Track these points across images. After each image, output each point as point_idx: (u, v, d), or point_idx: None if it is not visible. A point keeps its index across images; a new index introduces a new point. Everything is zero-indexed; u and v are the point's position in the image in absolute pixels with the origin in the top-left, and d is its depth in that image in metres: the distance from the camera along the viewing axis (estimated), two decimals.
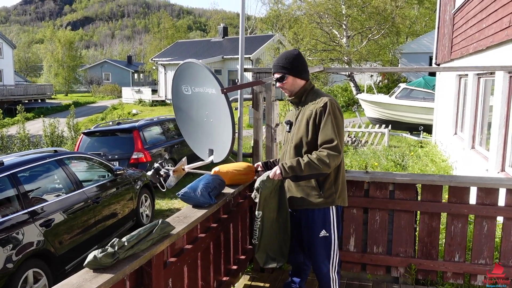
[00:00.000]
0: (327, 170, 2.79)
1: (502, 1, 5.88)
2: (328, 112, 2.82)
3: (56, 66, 51.50)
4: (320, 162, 2.75)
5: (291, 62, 2.97)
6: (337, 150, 2.77)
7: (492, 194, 3.55)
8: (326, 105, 2.84)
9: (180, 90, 3.90)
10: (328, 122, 2.81)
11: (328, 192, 2.93)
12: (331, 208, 2.98)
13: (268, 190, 2.96)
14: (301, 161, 2.80)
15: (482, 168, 6.48)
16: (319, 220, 2.97)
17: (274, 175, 2.89)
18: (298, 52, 3.06)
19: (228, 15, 79.74)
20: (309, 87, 3.04)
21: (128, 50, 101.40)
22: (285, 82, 3.00)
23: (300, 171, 2.78)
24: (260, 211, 3.01)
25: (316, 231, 2.98)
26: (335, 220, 3.01)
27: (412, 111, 16.03)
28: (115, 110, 29.71)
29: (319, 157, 2.76)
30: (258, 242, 3.07)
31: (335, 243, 3.03)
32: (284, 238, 3.12)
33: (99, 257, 1.94)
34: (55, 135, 13.82)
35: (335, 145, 2.77)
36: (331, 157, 2.75)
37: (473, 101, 7.92)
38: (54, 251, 4.54)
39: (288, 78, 2.98)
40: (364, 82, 26.41)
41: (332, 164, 2.78)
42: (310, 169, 2.77)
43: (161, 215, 7.63)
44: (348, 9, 24.96)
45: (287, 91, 3.04)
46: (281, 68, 2.98)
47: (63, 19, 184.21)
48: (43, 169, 5.11)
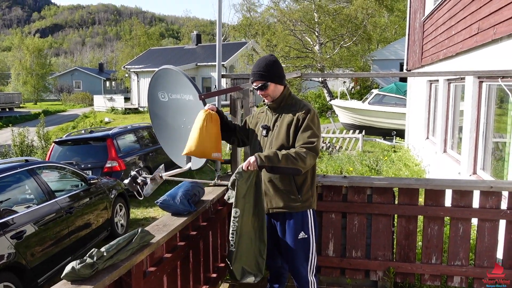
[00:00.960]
0: (303, 167, 2.78)
1: (471, 9, 6.06)
2: (309, 119, 2.88)
3: (24, 74, 50.19)
4: (298, 157, 2.75)
5: (270, 69, 2.96)
6: (315, 151, 2.83)
7: (467, 197, 3.63)
8: (308, 112, 2.91)
9: (156, 97, 3.85)
10: (309, 127, 2.87)
11: (306, 196, 2.99)
12: (309, 211, 3.02)
13: (245, 185, 2.81)
14: (278, 153, 2.76)
15: (455, 171, 6.63)
16: (298, 223, 3.00)
17: (248, 164, 2.77)
18: (275, 57, 3.06)
19: (201, 23, 79.48)
20: (287, 93, 3.06)
21: (100, 58, 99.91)
22: (268, 90, 2.98)
23: (278, 161, 2.72)
24: (238, 208, 2.84)
25: (295, 233, 3.00)
26: (313, 222, 3.05)
27: (384, 116, 16.32)
28: (87, 119, 29.19)
29: (297, 152, 2.77)
30: (235, 249, 2.90)
31: (313, 245, 3.06)
32: (260, 247, 2.96)
33: (77, 268, 1.87)
34: (24, 144, 13.45)
35: (314, 146, 2.82)
36: (308, 155, 2.78)
37: (444, 106, 8.11)
38: (26, 264, 4.38)
39: (270, 85, 2.97)
40: (337, 89, 26.78)
41: (308, 163, 2.80)
42: (287, 162, 2.73)
43: (136, 224, 7.50)
44: (321, 17, 25.31)
45: (269, 97, 3.02)
46: (261, 76, 2.96)
47: (31, 26, 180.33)
48: (14, 179, 4.95)
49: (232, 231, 2.90)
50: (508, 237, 3.56)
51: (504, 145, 5.31)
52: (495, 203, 3.56)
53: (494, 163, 5.65)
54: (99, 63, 71.74)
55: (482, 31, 5.52)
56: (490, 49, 5.33)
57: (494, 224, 3.59)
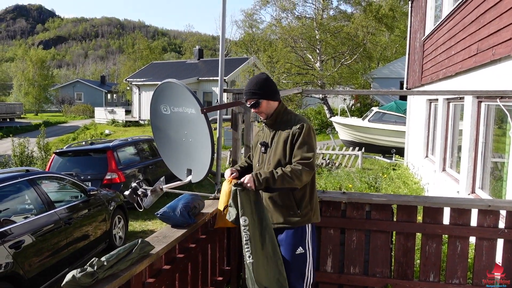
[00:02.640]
0: (299, 184, 2.85)
1: (470, 30, 6.16)
2: (304, 133, 2.91)
3: (26, 85, 50.47)
4: (294, 176, 2.80)
5: (261, 87, 3.03)
6: (311, 167, 2.86)
7: (465, 215, 3.64)
8: (302, 127, 2.94)
9: (158, 110, 3.89)
10: (304, 142, 2.90)
11: (305, 210, 3.01)
12: (307, 226, 3.04)
13: (247, 195, 2.77)
14: (274, 173, 2.82)
15: (453, 190, 6.65)
16: (296, 238, 3.01)
17: (246, 184, 2.77)
18: (266, 75, 3.13)
19: (203, 38, 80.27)
20: (282, 108, 3.10)
21: (102, 70, 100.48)
22: (260, 107, 3.05)
23: (273, 182, 2.80)
24: (246, 216, 2.75)
25: (293, 248, 3.01)
26: (311, 237, 3.06)
27: (384, 134, 16.38)
28: (88, 130, 29.22)
29: (293, 170, 2.81)
30: (254, 260, 2.73)
31: (309, 261, 3.05)
32: (277, 263, 2.82)
33: (78, 276, 1.89)
34: (24, 155, 13.46)
35: (309, 162, 2.85)
36: (304, 172, 2.82)
37: (443, 125, 8.16)
38: (23, 274, 4.37)
39: (262, 102, 3.03)
40: (338, 106, 26.89)
41: (304, 179, 2.85)
42: (283, 182, 2.80)
43: (134, 236, 7.48)
44: (322, 34, 25.56)
45: (263, 114, 3.09)
46: (253, 94, 3.03)
47: (35, 37, 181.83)
48: (14, 189, 4.97)
49: (246, 241, 2.78)
50: (506, 256, 3.56)
51: (502, 164, 5.34)
52: (493, 222, 3.57)
53: (493, 182, 5.67)
54: (101, 75, 72.19)
55: (481, 51, 5.60)
56: (489, 69, 5.40)
57: (492, 243, 3.59)
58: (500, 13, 4.92)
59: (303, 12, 28.05)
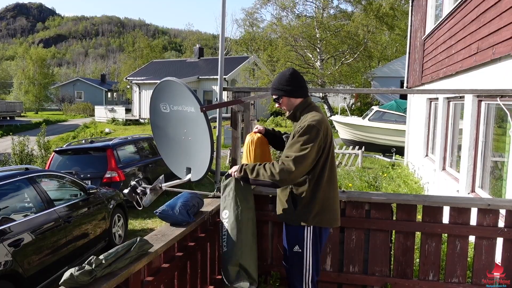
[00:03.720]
0: (276, 180, 2.79)
1: (470, 29, 6.15)
2: (300, 133, 2.83)
3: (27, 83, 50.46)
4: (269, 172, 2.80)
5: (284, 84, 3.02)
6: (289, 166, 2.76)
7: (464, 214, 3.64)
8: (303, 127, 2.84)
9: (158, 108, 3.88)
10: (295, 141, 2.84)
11: (302, 210, 2.92)
12: (306, 227, 2.94)
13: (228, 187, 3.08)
14: (256, 166, 2.89)
15: (453, 189, 6.65)
16: (292, 236, 3.02)
17: (232, 171, 3.06)
18: (292, 71, 3.06)
19: (204, 36, 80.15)
20: (304, 105, 3.04)
21: (102, 69, 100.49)
22: (281, 103, 3.09)
23: (251, 174, 2.90)
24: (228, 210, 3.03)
25: (291, 245, 3.03)
26: (310, 240, 2.96)
27: (384, 133, 16.38)
28: (88, 129, 29.23)
29: (271, 167, 2.81)
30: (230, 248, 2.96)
31: (308, 261, 2.99)
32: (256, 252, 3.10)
33: (76, 275, 1.88)
34: (24, 153, 13.45)
35: (289, 160, 2.77)
36: (280, 170, 2.76)
37: (444, 124, 8.16)
38: (22, 272, 4.37)
39: (283, 98, 3.06)
40: (338, 105, 26.89)
41: (281, 178, 2.77)
42: (257, 175, 2.86)
43: (134, 235, 7.45)
44: (322, 33, 25.54)
45: (285, 110, 3.13)
46: (275, 90, 3.08)
47: (35, 36, 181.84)
48: (14, 187, 4.97)
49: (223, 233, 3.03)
50: (505, 255, 3.56)
51: (502, 164, 5.34)
52: (493, 221, 3.57)
53: (493, 181, 5.67)
54: (101, 74, 72.17)
55: (482, 50, 5.59)
56: (489, 68, 5.40)
57: (492, 242, 3.59)
58: (501, 12, 4.91)
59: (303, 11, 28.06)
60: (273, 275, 4.08)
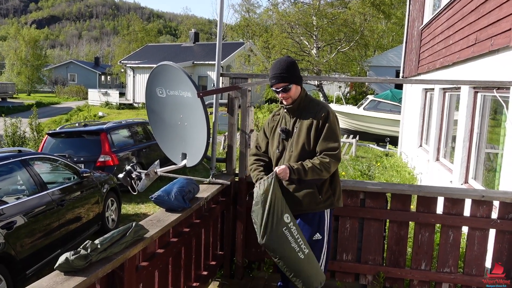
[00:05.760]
0: (327, 175, 2.90)
1: (469, 19, 6.12)
2: (330, 122, 2.90)
3: (19, 64, 49.82)
4: (323, 168, 2.82)
5: (291, 70, 2.95)
6: (338, 158, 2.88)
7: (458, 205, 3.66)
8: (328, 115, 2.91)
9: (154, 92, 3.84)
10: (331, 130, 2.89)
11: (326, 195, 3.00)
12: (326, 211, 3.03)
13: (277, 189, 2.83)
14: (305, 165, 2.84)
15: (446, 180, 6.68)
16: (314, 224, 3.01)
17: (280, 173, 2.81)
18: (292, 59, 3.04)
19: (200, 21, 79.43)
20: (304, 94, 3.04)
21: (96, 52, 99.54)
22: (290, 92, 2.95)
23: (305, 175, 2.82)
24: (287, 214, 2.84)
25: (310, 234, 3.00)
26: (329, 223, 3.07)
27: (379, 122, 16.41)
28: (81, 112, 28.99)
29: (322, 163, 2.82)
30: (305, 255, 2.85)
31: (325, 247, 3.07)
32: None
33: (71, 259, 1.87)
34: (16, 135, 13.33)
35: (337, 153, 2.87)
36: (332, 164, 2.85)
37: (439, 115, 8.17)
38: (15, 255, 4.35)
39: (292, 87, 2.95)
40: (333, 93, 26.87)
41: (332, 170, 2.89)
42: (313, 174, 2.83)
43: (127, 219, 7.47)
44: (319, 21, 25.37)
45: (290, 99, 2.99)
46: (284, 78, 2.92)
47: (28, 16, 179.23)
48: (6, 169, 4.92)
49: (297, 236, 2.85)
50: (497, 246, 3.59)
51: (496, 155, 5.36)
52: (486, 212, 3.59)
53: (486, 173, 5.70)
54: (95, 57, 71.41)
55: (480, 42, 5.58)
56: (487, 60, 5.39)
57: (484, 233, 3.62)
58: (500, 3, 4.88)
59: None
60: (266, 262, 4.10)
